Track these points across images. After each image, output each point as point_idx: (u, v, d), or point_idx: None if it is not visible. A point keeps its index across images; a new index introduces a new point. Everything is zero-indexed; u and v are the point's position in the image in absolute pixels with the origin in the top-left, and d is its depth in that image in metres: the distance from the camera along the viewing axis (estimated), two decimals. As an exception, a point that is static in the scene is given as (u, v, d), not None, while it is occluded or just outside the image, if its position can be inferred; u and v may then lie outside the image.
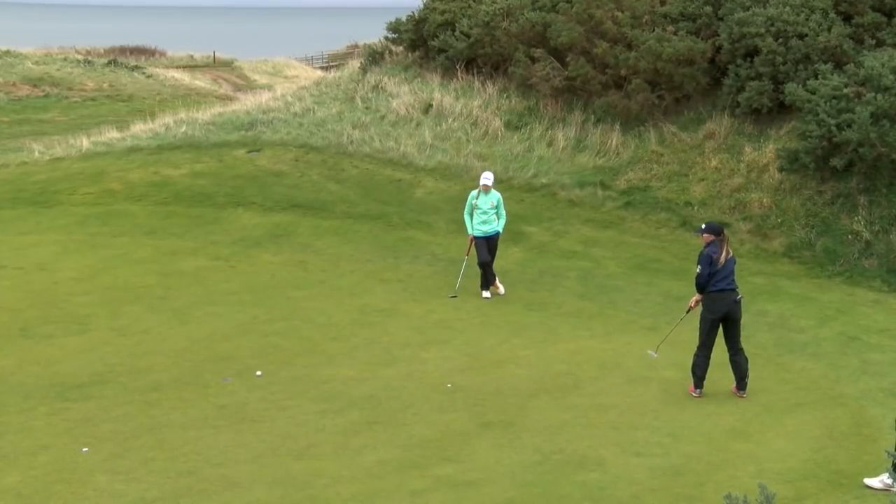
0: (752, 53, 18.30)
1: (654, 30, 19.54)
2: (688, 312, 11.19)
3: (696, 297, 10.83)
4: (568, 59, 20.35)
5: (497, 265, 15.11)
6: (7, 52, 44.59)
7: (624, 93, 19.77)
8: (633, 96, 19.52)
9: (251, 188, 19.84)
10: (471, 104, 21.96)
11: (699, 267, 10.66)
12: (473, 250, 14.93)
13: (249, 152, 21.70)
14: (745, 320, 11.28)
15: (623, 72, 19.68)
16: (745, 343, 11.10)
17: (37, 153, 22.91)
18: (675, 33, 19.39)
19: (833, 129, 15.58)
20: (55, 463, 9.05)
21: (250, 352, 12.25)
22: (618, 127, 19.68)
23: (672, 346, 11.61)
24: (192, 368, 11.60)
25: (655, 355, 11.48)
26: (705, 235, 10.84)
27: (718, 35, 19.00)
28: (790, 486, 8.71)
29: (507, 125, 21.15)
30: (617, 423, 10.18)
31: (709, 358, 10.79)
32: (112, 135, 24.11)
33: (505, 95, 22.02)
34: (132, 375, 11.31)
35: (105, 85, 41.24)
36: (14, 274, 15.43)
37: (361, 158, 20.78)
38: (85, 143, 23.31)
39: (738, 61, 18.36)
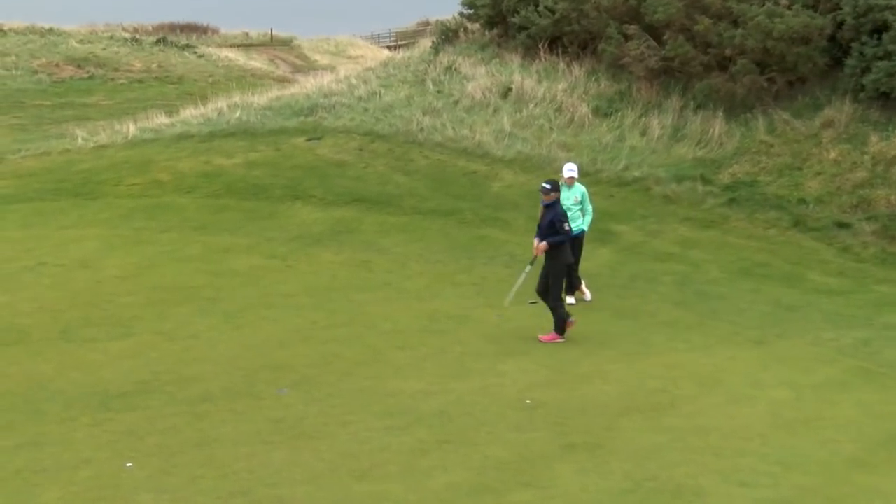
0: (880, 29, 17.87)
1: (763, 3, 19.19)
2: (533, 262, 12.94)
3: (544, 244, 12.72)
4: (665, 36, 20.13)
5: (582, 268, 14.99)
6: (50, 31, 45.76)
7: (728, 75, 19.49)
8: (739, 79, 19.22)
9: (311, 180, 20.02)
10: (555, 88, 21.86)
11: (566, 225, 12.72)
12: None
13: (309, 140, 21.91)
14: (869, 334, 11.01)
15: (728, 51, 19.39)
16: (869, 360, 10.82)
17: (80, 140, 23.45)
18: (788, 7, 19.01)
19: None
20: (97, 479, 9.22)
21: (308, 360, 12.34)
22: (721, 114, 19.41)
23: (781, 364, 11.39)
24: (244, 378, 11.73)
25: (500, 315, 12.80)
26: (552, 194, 12.76)
27: (840, 9, 18.59)
28: (919, 525, 8.45)
29: (596, 111, 21.01)
30: (718, 448, 10.01)
31: None
32: (160, 120, 24.57)
33: (593, 78, 21.88)
34: (179, 384, 11.48)
35: (153, 65, 42.02)
36: (55, 271, 15.80)
37: (432, 148, 20.82)
38: (131, 129, 23.79)
39: (864, 38, 17.94)
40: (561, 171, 15.26)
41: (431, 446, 9.97)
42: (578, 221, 14.74)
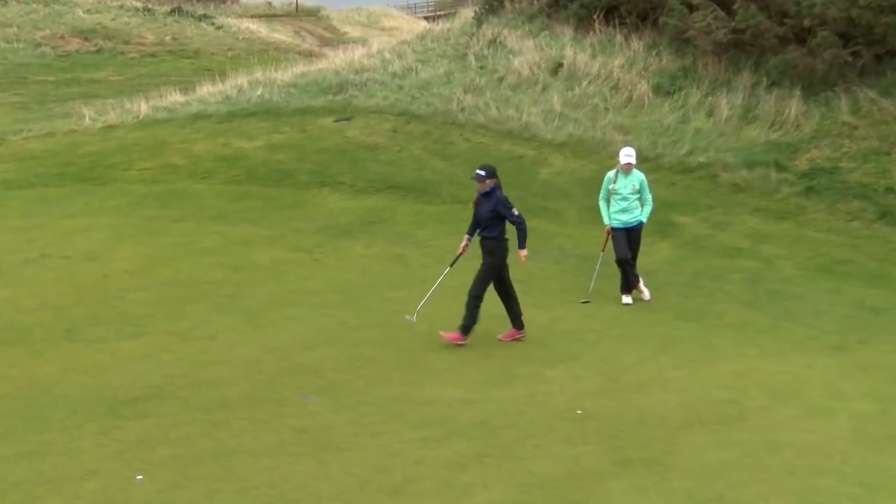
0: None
1: (848, -32, 19.03)
2: (454, 264, 13.07)
3: (526, 252, 12.94)
4: (735, 6, 19.99)
5: (640, 264, 14.94)
6: (55, -1, 46.23)
7: (807, 49, 19.31)
8: (820, 53, 19.04)
9: (339, 165, 20.09)
10: (611, 63, 21.78)
11: (517, 211, 12.68)
12: (611, 244, 14.81)
13: (338, 121, 21.98)
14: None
15: (806, 22, 19.22)
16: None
17: (87, 119, 23.68)
18: (875, -28, 18.83)
19: None
20: (105, 491, 9.31)
21: (336, 364, 12.39)
22: (798, 92, 19.25)
23: (864, 372, 11.30)
24: (266, 383, 11.80)
25: (414, 319, 12.61)
26: (489, 181, 12.64)
27: (935, -27, 18.39)
28: None
29: (657, 90, 20.91)
30: (793, 467, 9.94)
31: None
32: (175, 98, 24.76)
33: (654, 52, 21.77)
34: (195, 389, 11.56)
35: (167, 38, 42.33)
36: (59, 264, 15.97)
37: (474, 130, 20.81)
38: (143, 107, 23.99)
39: (961, 7, 17.74)
40: (616, 155, 15.21)
41: (471, 460, 9.98)
42: (636, 212, 14.69)
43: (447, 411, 11.09)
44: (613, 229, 14.75)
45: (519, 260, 13.01)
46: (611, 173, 14.89)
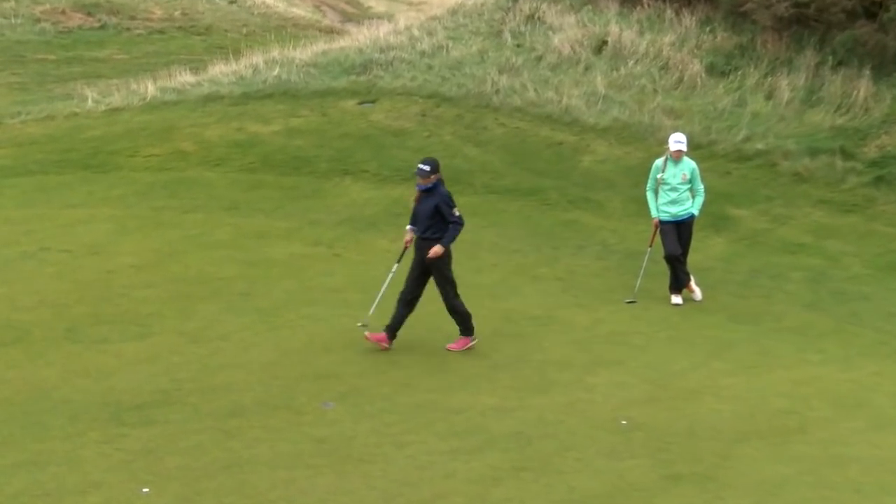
0: None
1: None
2: (401, 259, 12.97)
3: (440, 248, 12.52)
4: (798, -23, 19.88)
5: (691, 261, 14.90)
6: (55, -29, 46.43)
7: (878, 24, 19.19)
8: (892, 29, 18.90)
9: (363, 151, 20.11)
10: (660, 41, 21.72)
11: (458, 212, 12.57)
12: (659, 239, 14.77)
13: (362, 104, 22.01)
14: None
15: (877, -5, 19.10)
16: None
17: (90, 101, 23.79)
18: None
19: None
20: (108, 505, 9.39)
21: (359, 368, 12.41)
22: (868, 72, 19.13)
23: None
24: (282, 388, 11.83)
25: (366, 323, 12.71)
26: (433, 176, 12.51)
27: None
28: None
29: (710, 69, 20.84)
30: (859, 484, 9.90)
31: None
32: (184, 78, 24.82)
33: (707, 29, 21.69)
34: (205, 395, 11.61)
35: (176, 13, 42.45)
36: (59, 259, 16.06)
37: (510, 113, 20.79)
38: (150, 88, 24.08)
39: None
40: (665, 142, 15.17)
41: (506, 474, 9.98)
42: (687, 204, 14.65)
43: (479, 420, 11.09)
44: (662, 223, 14.70)
45: (429, 251, 12.58)
46: (659, 161, 14.84)
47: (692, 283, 14.81)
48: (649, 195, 14.85)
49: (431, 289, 14.05)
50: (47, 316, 13.84)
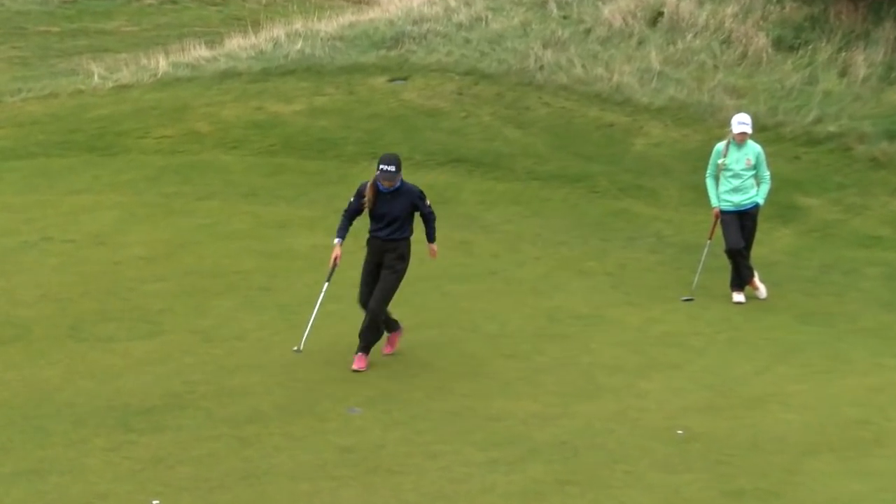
0: None
1: None
2: (331, 277, 12.92)
3: (436, 247, 12.86)
4: (875, -59, 19.74)
5: (755, 255, 14.84)
6: (58, -65, 46.67)
7: (963, -6, 19.01)
8: (978, 0, 18.74)
9: (394, 133, 20.12)
10: (721, 12, 21.62)
11: (428, 201, 12.56)
12: (719, 231, 14.70)
13: (392, 81, 22.01)
14: None
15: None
16: None
17: (96, 78, 23.89)
18: None
19: None
20: (114, 518, 9.44)
21: (388, 371, 12.42)
22: (952, 47, 18.98)
23: None
24: (304, 392, 11.86)
25: (300, 349, 12.47)
26: (399, 174, 12.33)
27: None
28: None
29: (777, 44, 20.74)
30: (941, 503, 9.83)
31: None
32: (199, 53, 24.89)
33: (775, -1, 21.56)
34: (221, 399, 11.65)
35: (190, -18, 42.60)
36: (63, 249, 16.15)
37: (555, 92, 20.75)
38: (162, 63, 24.16)
39: None
40: (727, 124, 15.12)
41: (550, 488, 9.97)
42: (751, 192, 14.59)
43: (520, 429, 11.08)
44: (723, 213, 14.64)
45: (429, 255, 12.93)
46: (720, 145, 14.78)
47: (756, 280, 14.75)
48: (709, 182, 14.79)
49: (467, 285, 14.10)
50: (49, 312, 13.92)
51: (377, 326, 12.56)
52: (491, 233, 16.95)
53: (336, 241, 12.63)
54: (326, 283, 12.89)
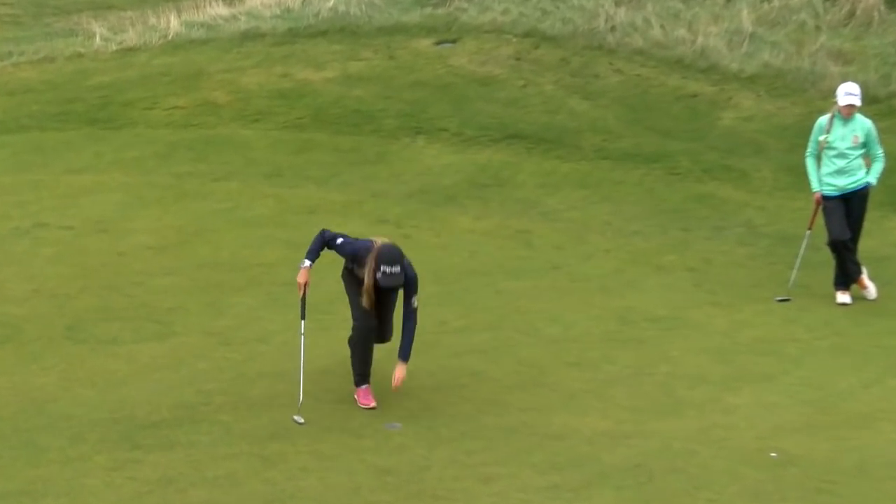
0: None
1: None
2: (305, 307, 12.16)
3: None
4: None
5: (864, 248, 14.76)
6: None
7: None
8: None
9: (440, 105, 20.13)
10: (825, -36, 21.49)
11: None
12: (821, 220, 14.62)
13: (439, 44, 22.01)
14: None
15: None
16: None
17: (98, 39, 24.00)
18: None
19: None
20: (117, 547, 9.51)
21: (433, 381, 12.43)
22: None
23: None
24: (335, 404, 11.88)
25: (302, 420, 11.43)
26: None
27: None
28: None
29: (891, 0, 20.55)
30: None
31: None
32: (216, 11, 24.95)
33: (888, -53, 21.42)
34: (240, 411, 11.69)
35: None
36: (59, 237, 16.25)
37: (629, 57, 20.72)
38: (173, 23, 24.23)
39: None
40: (832, 95, 15.04)
41: (621, 518, 9.96)
42: (859, 174, 14.53)
43: (586, 449, 11.07)
44: (825, 198, 14.58)
45: (394, 381, 11.78)
46: (823, 120, 14.70)
47: (864, 278, 14.67)
48: (810, 163, 14.72)
49: (525, 282, 14.10)
50: (43, 309, 14.01)
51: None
52: (553, 221, 16.93)
53: (306, 263, 12.08)
54: (303, 322, 12.15)
